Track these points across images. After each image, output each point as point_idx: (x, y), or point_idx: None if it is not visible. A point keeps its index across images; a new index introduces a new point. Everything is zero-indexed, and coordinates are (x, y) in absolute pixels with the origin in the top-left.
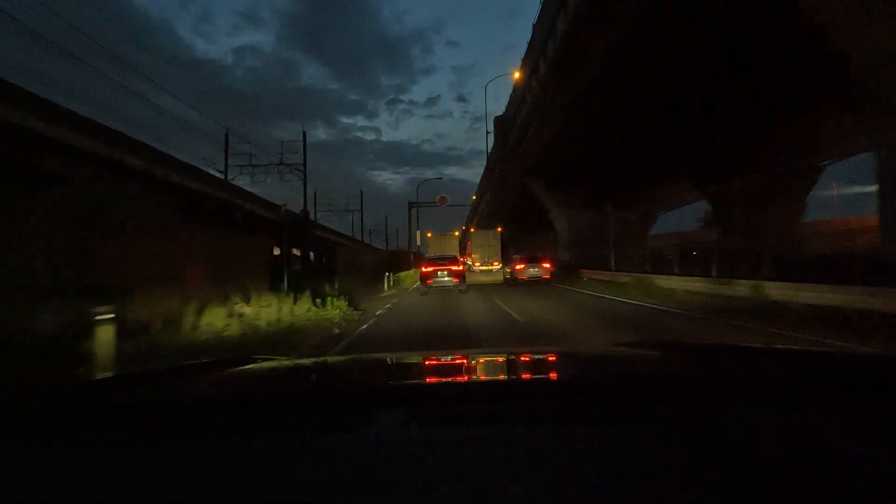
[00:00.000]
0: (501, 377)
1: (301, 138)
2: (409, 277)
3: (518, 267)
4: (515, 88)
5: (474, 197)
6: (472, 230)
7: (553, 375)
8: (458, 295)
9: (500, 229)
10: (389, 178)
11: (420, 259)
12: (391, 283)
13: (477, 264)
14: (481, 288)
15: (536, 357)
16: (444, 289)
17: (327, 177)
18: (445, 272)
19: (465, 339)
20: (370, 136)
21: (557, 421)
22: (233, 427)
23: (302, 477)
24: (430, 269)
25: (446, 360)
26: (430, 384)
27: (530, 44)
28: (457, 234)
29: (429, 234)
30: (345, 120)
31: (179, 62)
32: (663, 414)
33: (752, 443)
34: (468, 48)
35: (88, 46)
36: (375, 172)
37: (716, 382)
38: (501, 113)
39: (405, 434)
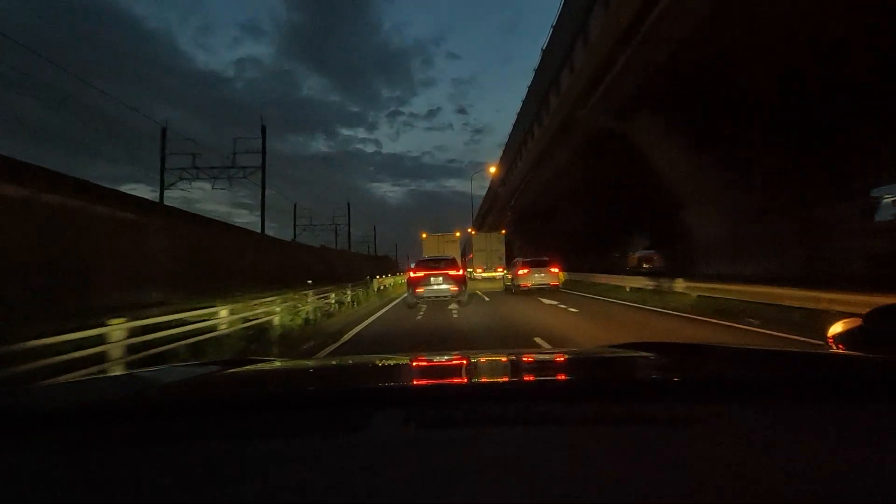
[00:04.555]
0: (500, 379)
1: None
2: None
3: (521, 272)
4: None
5: (493, 168)
6: (471, 232)
7: (551, 377)
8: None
9: (503, 231)
10: (389, 191)
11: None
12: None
13: (479, 270)
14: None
15: (535, 359)
16: (440, 300)
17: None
18: (441, 278)
19: None
20: (371, 149)
21: (555, 422)
22: (230, 429)
23: (300, 479)
24: (420, 273)
25: (444, 361)
26: (429, 385)
27: None
28: (458, 234)
29: (423, 235)
30: (345, 132)
31: (180, 74)
32: (659, 416)
33: (748, 444)
34: (468, 60)
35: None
36: (375, 185)
37: (711, 384)
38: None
39: (403, 435)
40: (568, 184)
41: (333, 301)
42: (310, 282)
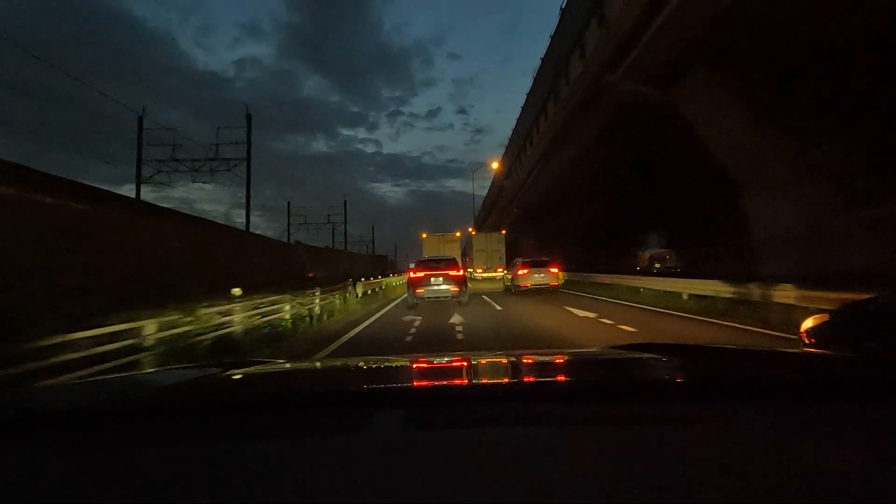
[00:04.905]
0: (500, 380)
1: None
2: None
3: (521, 273)
4: None
5: (496, 164)
6: (472, 232)
7: (551, 378)
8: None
9: (504, 231)
10: (389, 191)
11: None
12: None
13: (479, 270)
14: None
15: (535, 360)
16: (440, 301)
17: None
18: (441, 278)
19: None
20: (371, 149)
21: (555, 423)
22: (230, 429)
23: (300, 479)
24: (420, 274)
25: (445, 362)
26: (429, 386)
27: None
28: (458, 234)
29: (423, 235)
30: (345, 132)
31: (180, 74)
32: (659, 416)
33: (748, 444)
34: (469, 60)
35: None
36: (376, 185)
37: (711, 384)
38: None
39: (404, 436)
40: (583, 174)
41: (288, 316)
42: (237, 292)
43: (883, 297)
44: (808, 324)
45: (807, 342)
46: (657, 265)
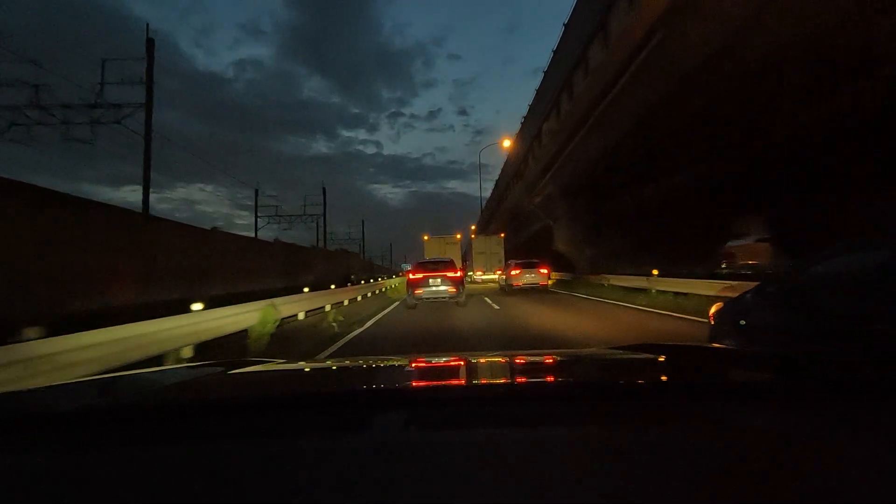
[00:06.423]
0: (501, 380)
1: None
2: None
3: (513, 273)
4: None
5: (508, 142)
6: (472, 233)
7: (552, 378)
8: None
9: (502, 235)
10: (390, 192)
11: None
12: None
13: (479, 272)
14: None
15: (535, 360)
16: (439, 302)
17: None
18: (439, 279)
19: None
20: (371, 150)
21: (556, 423)
22: (232, 430)
23: (301, 479)
24: (419, 275)
25: (446, 362)
26: (430, 387)
27: None
28: (459, 236)
29: (425, 237)
30: (346, 133)
31: (180, 75)
32: (660, 417)
33: (747, 444)
34: (469, 61)
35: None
36: (376, 186)
37: (711, 385)
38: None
39: (405, 437)
40: (664, 126)
41: None
42: None
43: (755, 289)
44: (713, 309)
45: (712, 322)
46: (723, 265)
